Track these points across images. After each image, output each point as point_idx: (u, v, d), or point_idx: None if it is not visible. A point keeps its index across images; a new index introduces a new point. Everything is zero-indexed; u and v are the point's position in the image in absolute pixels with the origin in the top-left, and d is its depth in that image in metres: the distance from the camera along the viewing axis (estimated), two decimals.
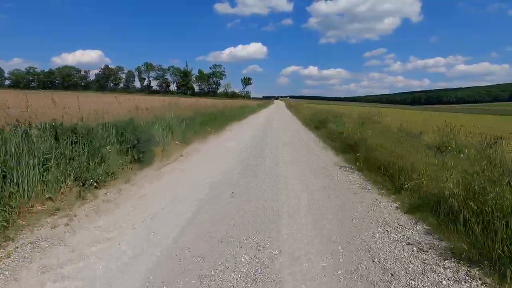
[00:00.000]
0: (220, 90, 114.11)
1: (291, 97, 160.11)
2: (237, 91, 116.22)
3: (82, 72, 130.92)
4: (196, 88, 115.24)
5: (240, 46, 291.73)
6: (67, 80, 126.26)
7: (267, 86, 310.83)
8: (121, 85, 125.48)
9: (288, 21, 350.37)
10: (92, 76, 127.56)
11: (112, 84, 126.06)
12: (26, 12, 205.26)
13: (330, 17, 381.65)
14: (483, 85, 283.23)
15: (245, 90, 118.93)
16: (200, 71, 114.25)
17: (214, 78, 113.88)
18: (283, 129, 12.70)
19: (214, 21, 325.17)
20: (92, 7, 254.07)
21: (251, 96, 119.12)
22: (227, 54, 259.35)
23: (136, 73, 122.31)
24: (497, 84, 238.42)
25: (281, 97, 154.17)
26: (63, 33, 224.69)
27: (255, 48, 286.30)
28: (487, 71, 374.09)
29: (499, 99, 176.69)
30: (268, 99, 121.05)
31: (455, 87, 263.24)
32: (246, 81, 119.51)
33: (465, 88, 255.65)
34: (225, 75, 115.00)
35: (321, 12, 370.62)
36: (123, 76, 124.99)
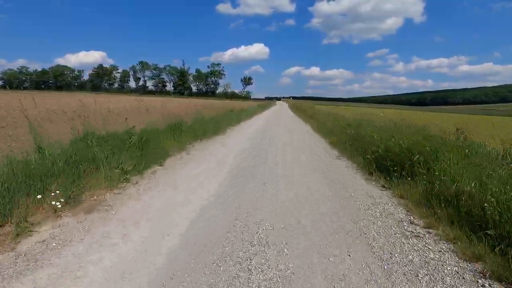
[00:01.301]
0: (219, 90, 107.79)
1: (293, 97, 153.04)
2: (237, 91, 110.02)
3: (76, 72, 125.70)
4: (194, 88, 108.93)
5: (242, 47, 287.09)
6: (60, 80, 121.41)
7: (270, 86, 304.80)
8: (116, 85, 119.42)
9: (291, 22, 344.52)
10: (86, 76, 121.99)
11: (106, 84, 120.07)
12: (27, 12, 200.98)
13: (333, 17, 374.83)
14: (489, 85, 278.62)
15: (245, 90, 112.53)
16: (197, 70, 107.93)
17: (213, 78, 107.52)
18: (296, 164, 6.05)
19: (216, 22, 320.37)
20: (93, 7, 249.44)
21: (252, 97, 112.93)
22: (229, 54, 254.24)
23: (131, 73, 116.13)
24: (504, 85, 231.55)
25: (284, 97, 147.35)
26: (65, 33, 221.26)
27: (258, 49, 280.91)
28: (491, 72, 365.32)
29: (508, 100, 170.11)
30: (271, 99, 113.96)
31: (459, 88, 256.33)
32: (247, 81, 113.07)
33: (471, 88, 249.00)
34: (224, 75, 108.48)
35: (323, 12, 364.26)
36: (118, 75, 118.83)
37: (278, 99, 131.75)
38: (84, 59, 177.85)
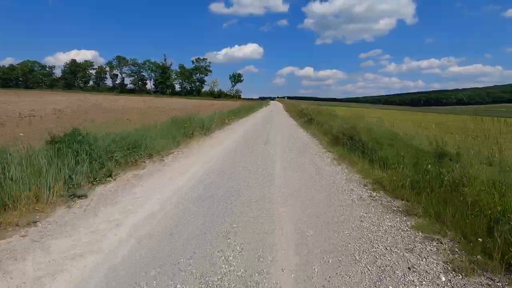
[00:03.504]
0: (206, 88, 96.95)
1: (288, 97, 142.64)
2: (225, 90, 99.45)
3: (47, 68, 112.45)
4: (178, 87, 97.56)
5: (236, 47, 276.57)
6: (30, 78, 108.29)
7: (264, 86, 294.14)
8: (91, 82, 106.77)
9: (284, 22, 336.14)
10: (58, 73, 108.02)
11: (80, 82, 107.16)
12: (25, 12, 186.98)
13: (326, 17, 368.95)
14: (479, 86, 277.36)
15: (234, 89, 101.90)
16: (181, 66, 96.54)
17: (198, 75, 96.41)
18: None
19: (209, 21, 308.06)
20: (92, 7, 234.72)
21: (244, 96, 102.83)
22: (223, 54, 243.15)
23: (107, 69, 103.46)
24: (494, 86, 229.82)
25: (278, 97, 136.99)
26: (61, 32, 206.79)
27: (251, 49, 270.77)
28: (481, 72, 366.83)
29: (501, 101, 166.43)
30: (264, 99, 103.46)
31: (451, 88, 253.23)
32: (236, 78, 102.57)
33: (463, 89, 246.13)
34: (211, 71, 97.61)
35: (316, 13, 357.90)
36: (93, 72, 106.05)
37: (272, 99, 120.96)
38: (75, 57, 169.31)
